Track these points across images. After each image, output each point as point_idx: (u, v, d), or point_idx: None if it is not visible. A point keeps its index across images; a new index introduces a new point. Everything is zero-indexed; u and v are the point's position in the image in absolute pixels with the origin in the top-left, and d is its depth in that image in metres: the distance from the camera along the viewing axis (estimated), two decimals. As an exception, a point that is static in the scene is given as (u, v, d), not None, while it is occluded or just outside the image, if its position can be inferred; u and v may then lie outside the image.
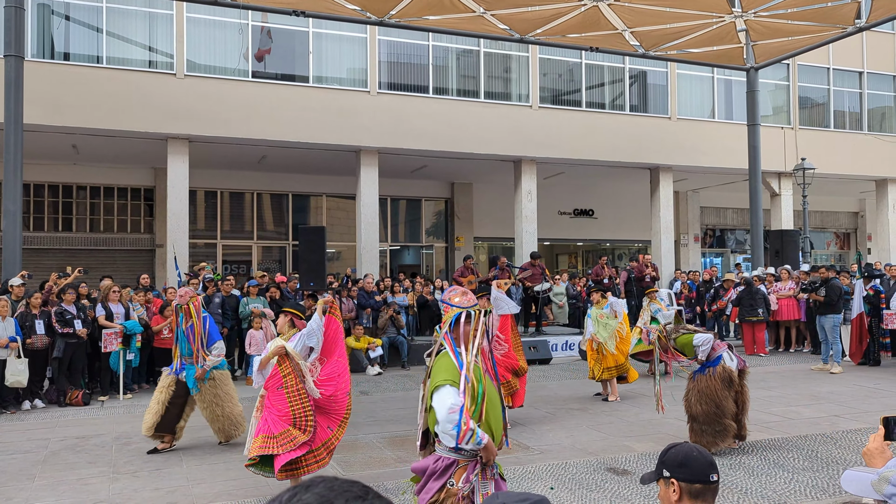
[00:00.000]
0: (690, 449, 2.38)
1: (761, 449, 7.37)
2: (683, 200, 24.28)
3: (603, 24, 14.89)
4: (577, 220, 23.55)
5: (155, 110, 15.16)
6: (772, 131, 20.49)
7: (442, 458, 3.46)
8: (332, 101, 16.64)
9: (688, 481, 2.31)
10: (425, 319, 15.99)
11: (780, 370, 13.01)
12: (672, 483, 2.33)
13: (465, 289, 3.86)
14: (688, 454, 2.36)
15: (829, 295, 12.92)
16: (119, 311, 11.25)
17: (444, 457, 3.46)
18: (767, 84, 20.83)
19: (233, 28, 16.15)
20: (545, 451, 7.46)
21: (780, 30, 15.73)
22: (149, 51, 15.75)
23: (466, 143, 17.58)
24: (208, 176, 18.74)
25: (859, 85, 22.42)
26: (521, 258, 17.58)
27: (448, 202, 22.30)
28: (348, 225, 20.34)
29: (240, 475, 6.60)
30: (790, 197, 21.41)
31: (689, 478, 2.31)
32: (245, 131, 15.79)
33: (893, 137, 22.48)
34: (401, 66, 17.73)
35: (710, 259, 25.37)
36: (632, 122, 19.48)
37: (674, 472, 2.34)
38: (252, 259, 20.13)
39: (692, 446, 2.40)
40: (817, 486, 6.15)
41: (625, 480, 6.36)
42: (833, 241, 27.78)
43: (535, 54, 18.60)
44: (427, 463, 3.52)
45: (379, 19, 14.39)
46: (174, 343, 7.91)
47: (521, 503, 1.26)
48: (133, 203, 19.16)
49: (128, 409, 10.23)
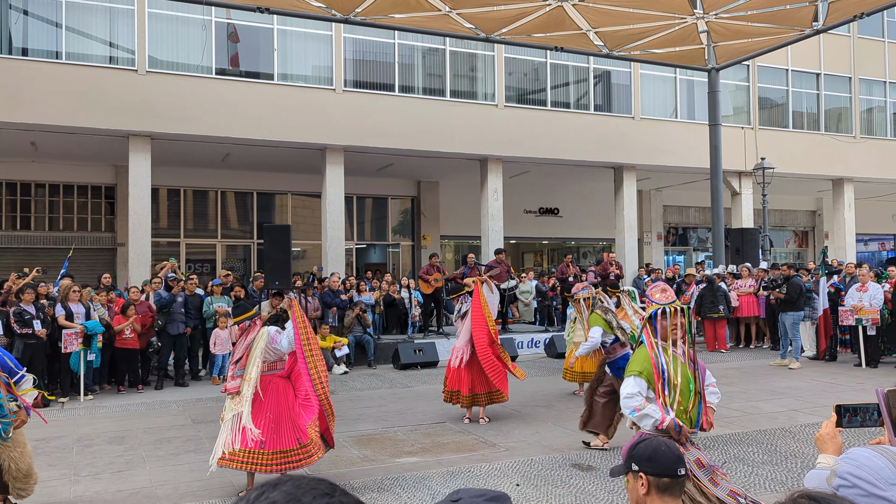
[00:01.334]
0: (659, 444, 2.42)
1: (722, 443, 7.52)
2: (647, 199, 24.60)
3: (568, 24, 15.01)
4: (542, 218, 23.71)
5: (116, 107, 14.91)
6: (732, 131, 20.85)
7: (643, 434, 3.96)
8: (298, 99, 16.53)
9: (656, 475, 2.35)
10: (392, 318, 15.98)
11: (741, 366, 13.27)
12: (641, 477, 2.37)
13: (665, 285, 4.31)
14: (656, 449, 2.39)
15: (790, 293, 13.22)
16: (79, 311, 11.06)
17: (645, 433, 3.98)
18: (728, 85, 21.19)
19: (196, 24, 15.95)
20: (511, 448, 7.52)
21: (740, 31, 16.02)
22: (109, 46, 15.49)
23: (432, 142, 17.60)
24: (171, 174, 18.49)
25: (817, 86, 22.92)
26: (488, 256, 17.65)
27: (414, 200, 22.30)
28: (314, 223, 20.23)
29: (204, 476, 6.54)
30: (750, 196, 21.81)
31: (657, 472, 2.35)
32: (208, 129, 15.61)
33: (849, 138, 23.03)
34: (367, 64, 17.68)
35: (672, 257, 25.74)
36: (596, 121, 19.68)
37: (642, 465, 2.37)
38: (216, 258, 19.91)
39: (660, 441, 2.44)
40: (776, 479, 6.30)
41: (590, 476, 6.44)
42: (792, 239, 28.38)
43: (501, 53, 18.69)
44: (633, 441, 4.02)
45: (344, 17, 14.32)
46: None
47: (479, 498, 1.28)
48: (93, 201, 18.82)
49: (88, 410, 10.07)
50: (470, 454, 7.31)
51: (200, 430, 8.60)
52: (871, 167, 22.97)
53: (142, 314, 11.78)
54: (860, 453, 1.63)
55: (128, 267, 15.52)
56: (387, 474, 6.58)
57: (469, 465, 6.87)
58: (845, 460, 1.63)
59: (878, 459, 1.59)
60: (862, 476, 1.57)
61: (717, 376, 12.18)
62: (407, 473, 6.59)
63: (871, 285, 12.85)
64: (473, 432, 8.24)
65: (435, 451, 7.41)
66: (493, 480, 6.38)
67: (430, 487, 6.17)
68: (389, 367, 13.89)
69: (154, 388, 11.83)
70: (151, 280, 13.01)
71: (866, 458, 1.60)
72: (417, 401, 10.29)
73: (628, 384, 4.02)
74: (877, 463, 1.58)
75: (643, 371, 4.01)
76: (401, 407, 9.95)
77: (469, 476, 6.53)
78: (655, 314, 4.13)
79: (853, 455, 1.63)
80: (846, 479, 1.59)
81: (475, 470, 6.71)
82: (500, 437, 7.96)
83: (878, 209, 27.09)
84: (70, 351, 10.65)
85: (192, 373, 12.88)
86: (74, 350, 10.65)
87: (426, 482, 6.31)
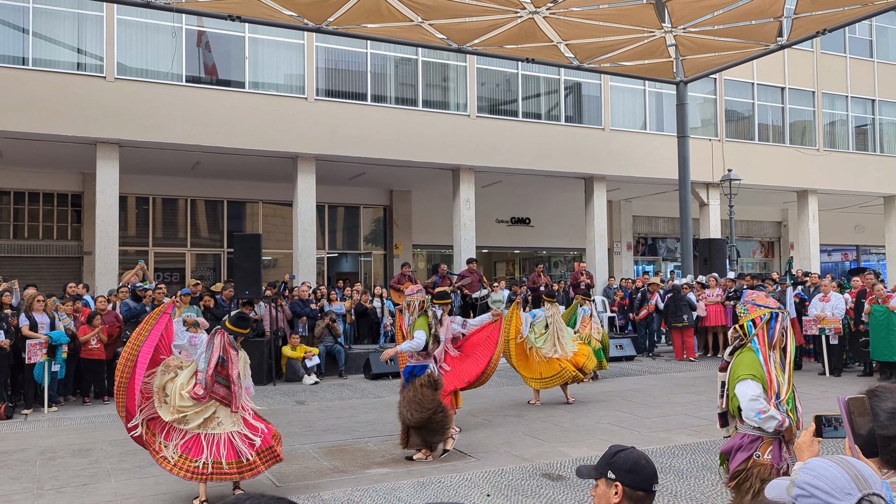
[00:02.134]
0: (639, 457, 2.43)
1: (690, 452, 7.61)
2: (617, 209, 24.85)
3: (539, 36, 15.17)
4: (514, 228, 23.84)
5: (83, 114, 14.73)
6: (700, 143, 21.17)
7: (746, 436, 4.16)
8: (269, 107, 16.47)
9: (632, 487, 2.37)
10: (363, 327, 15.93)
11: (709, 374, 13.42)
12: (616, 486, 2.39)
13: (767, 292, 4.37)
14: (636, 461, 2.41)
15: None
16: (44, 321, 10.85)
17: (748, 434, 4.15)
18: (696, 97, 21.54)
19: (166, 31, 15.82)
20: (482, 457, 7.53)
21: (708, 45, 16.31)
22: (77, 53, 15.30)
23: (405, 151, 17.62)
24: (140, 181, 18.28)
25: (781, 100, 23.38)
26: (460, 266, 17.70)
27: (386, 209, 22.29)
28: (285, 232, 20.12)
29: (170, 489, 6.46)
30: (718, 206, 22.14)
31: (634, 484, 2.37)
32: (178, 136, 15.47)
33: (813, 150, 23.51)
34: (339, 73, 17.67)
35: (642, 267, 26.01)
36: (567, 132, 19.86)
37: (620, 475, 2.39)
38: (185, 267, 19.70)
39: (640, 454, 2.46)
40: (742, 486, 6.38)
41: (560, 486, 6.48)
42: (758, 250, 28.84)
43: (473, 64, 18.80)
44: (735, 441, 4.23)
45: (317, 26, 14.31)
46: None
47: None
48: (60, 209, 18.53)
49: (53, 422, 9.89)
50: (441, 465, 7.31)
51: (168, 442, 8.48)
52: (835, 179, 23.46)
53: (108, 324, 11.61)
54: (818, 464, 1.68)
55: (94, 276, 15.29)
56: (357, 485, 6.55)
57: (440, 475, 6.87)
58: (803, 470, 1.68)
59: (835, 469, 1.64)
60: (819, 486, 1.62)
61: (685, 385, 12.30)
62: (377, 484, 6.57)
63: (833, 295, 13.11)
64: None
65: (406, 462, 7.40)
66: (463, 491, 6.38)
67: (400, 498, 6.15)
68: (361, 378, 13.83)
69: (120, 399, 11.64)
70: (119, 289, 12.84)
71: (823, 469, 1.65)
72: (389, 411, 10.25)
73: (750, 386, 4.08)
74: (833, 473, 1.63)
75: (757, 374, 4.12)
76: (372, 417, 9.92)
77: (440, 487, 6.53)
78: (775, 318, 4.24)
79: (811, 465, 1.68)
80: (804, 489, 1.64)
81: (446, 480, 6.71)
82: (470, 447, 7.97)
83: (842, 220, 27.67)
84: (34, 362, 10.44)
85: (160, 383, 12.69)
86: (38, 361, 10.45)
87: (396, 493, 6.30)
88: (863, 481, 1.61)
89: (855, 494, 1.59)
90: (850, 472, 1.63)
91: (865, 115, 24.80)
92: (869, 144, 24.82)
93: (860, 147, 24.67)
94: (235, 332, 6.26)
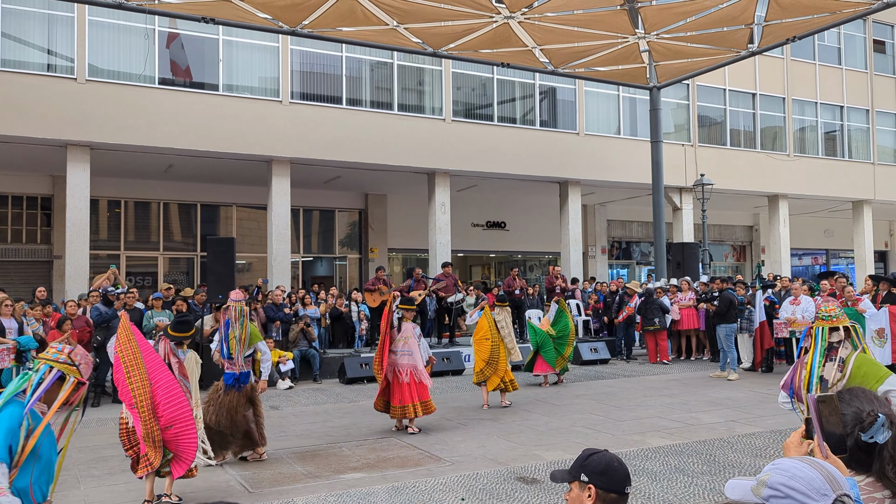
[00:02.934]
0: (612, 459, 2.45)
1: (663, 454, 7.66)
2: (591, 214, 25.01)
3: (514, 40, 15.24)
4: (489, 231, 23.89)
5: (54, 116, 14.52)
6: (673, 148, 21.39)
7: None
8: (243, 110, 16.35)
9: (605, 489, 2.38)
10: (339, 332, 15.84)
11: (682, 377, 13.55)
12: (589, 488, 2.40)
13: None
14: (609, 464, 2.42)
15: (721, 305, 13.65)
16: (12, 326, 10.66)
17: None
18: (669, 103, 21.76)
19: (138, 33, 15.66)
20: (456, 461, 7.53)
21: (681, 52, 16.49)
22: (48, 54, 15.09)
23: (380, 155, 17.59)
24: (111, 184, 18.05)
25: (753, 106, 23.71)
26: (435, 270, 17.69)
27: (362, 213, 22.23)
28: (259, 236, 19.98)
29: (140, 497, 6.37)
30: (691, 211, 22.38)
31: (607, 486, 2.38)
32: (150, 139, 15.30)
33: (784, 156, 23.86)
34: (314, 77, 17.60)
35: (616, 270, 26.19)
36: (542, 136, 19.96)
37: (593, 478, 2.40)
38: (158, 271, 19.47)
39: (612, 456, 2.47)
40: (715, 489, 6.45)
41: (534, 489, 6.49)
42: (730, 254, 29.19)
43: (449, 68, 18.83)
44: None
45: (291, 29, 14.25)
46: None
47: None
48: (29, 212, 18.23)
49: (21, 429, 9.70)
50: (415, 468, 7.29)
51: (139, 449, 8.37)
52: (804, 184, 23.83)
53: (79, 329, 11.44)
54: (791, 464, 1.66)
55: (64, 280, 15.06)
56: (331, 490, 6.52)
57: (414, 479, 6.85)
58: (776, 471, 1.66)
59: (809, 470, 1.63)
60: (795, 487, 1.61)
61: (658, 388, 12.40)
62: (351, 489, 6.54)
63: (803, 298, 13.28)
64: (419, 446, 8.22)
65: (380, 467, 7.37)
66: (438, 495, 6.37)
67: (374, 503, 6.13)
68: (335, 382, 13.76)
69: (91, 405, 11.48)
70: (89, 294, 12.66)
71: (798, 469, 1.64)
72: (364, 415, 10.22)
73: None
74: (809, 474, 1.63)
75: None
76: (346, 422, 9.87)
77: (414, 491, 6.51)
78: None
79: (784, 466, 1.67)
80: (778, 490, 1.63)
81: (420, 485, 6.70)
82: (445, 451, 7.96)
83: (811, 225, 28.11)
84: (1, 368, 10.25)
85: (132, 389, 12.53)
86: (6, 367, 10.26)
87: (371, 498, 6.27)
88: (835, 482, 1.62)
89: (830, 495, 1.59)
90: (823, 472, 1.63)
91: (834, 121, 25.23)
92: (838, 150, 25.25)
93: (829, 153, 25.09)
94: (177, 337, 6.35)
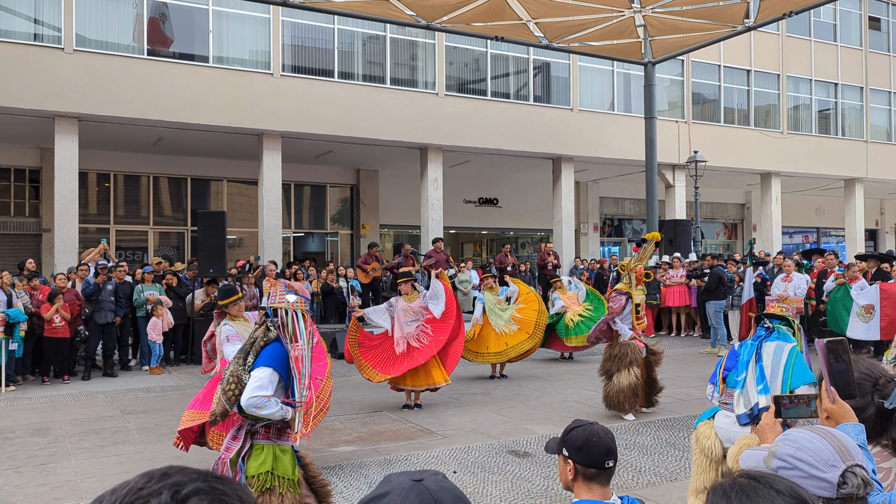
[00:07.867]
0: (591, 434, 2.40)
1: (654, 429, 7.70)
2: (584, 190, 24.95)
3: (508, 13, 15.06)
4: (481, 208, 23.82)
5: (41, 86, 14.29)
6: (667, 125, 21.29)
7: None
8: (234, 83, 16.15)
9: (583, 465, 2.36)
10: (330, 307, 15.81)
11: (672, 354, 13.59)
12: (569, 462, 2.39)
13: None
14: (587, 439, 2.38)
15: (710, 282, 13.70)
16: (1, 299, 10.59)
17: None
18: (663, 79, 21.62)
19: (126, 2, 15.39)
20: (448, 435, 7.54)
21: (676, 26, 16.35)
22: (34, 23, 14.81)
23: (372, 130, 17.44)
24: (100, 157, 17.85)
25: (747, 82, 23.60)
26: (427, 246, 17.64)
27: (353, 189, 22.10)
28: (250, 211, 19.84)
29: (132, 468, 6.35)
30: (683, 188, 22.35)
31: (584, 462, 2.36)
32: (139, 111, 15.11)
33: (777, 133, 23.82)
34: (305, 50, 17.38)
35: (608, 248, 26.20)
36: (535, 112, 19.83)
37: (571, 453, 2.38)
38: (148, 245, 19.34)
39: (593, 431, 2.41)
40: (704, 462, 6.47)
41: (526, 462, 6.51)
42: (722, 231, 29.24)
43: (442, 42, 18.63)
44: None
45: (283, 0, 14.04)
46: None
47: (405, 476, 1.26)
48: (17, 185, 18.03)
49: (10, 401, 9.67)
50: (407, 442, 7.30)
51: (130, 422, 8.35)
52: (797, 162, 23.81)
53: (69, 302, 11.36)
54: (799, 435, 1.66)
55: (53, 253, 14.94)
56: (323, 463, 6.51)
57: (406, 452, 6.86)
58: (784, 442, 1.65)
59: (818, 441, 1.62)
60: (802, 458, 1.60)
61: (649, 364, 12.29)
62: (343, 462, 6.54)
63: (795, 275, 13.33)
64: (411, 420, 8.23)
65: (372, 440, 7.37)
66: (430, 468, 6.38)
67: (366, 476, 6.13)
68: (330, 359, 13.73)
69: (81, 378, 11.44)
70: (78, 267, 12.56)
71: (806, 440, 1.63)
72: (355, 390, 10.22)
73: None
74: (817, 444, 1.61)
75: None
76: (338, 396, 9.85)
77: (406, 464, 6.52)
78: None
79: (793, 437, 1.66)
80: (786, 461, 1.61)
81: (412, 458, 6.71)
82: (437, 425, 7.97)
83: (803, 203, 28.15)
84: (-10, 340, 10.19)
85: (122, 363, 12.51)
86: (-5, 339, 10.20)
87: (363, 471, 6.28)
88: (846, 452, 1.60)
89: (839, 466, 1.57)
90: (834, 443, 1.61)
91: (828, 98, 25.16)
92: (831, 128, 25.22)
93: (822, 130, 25.05)
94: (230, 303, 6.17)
